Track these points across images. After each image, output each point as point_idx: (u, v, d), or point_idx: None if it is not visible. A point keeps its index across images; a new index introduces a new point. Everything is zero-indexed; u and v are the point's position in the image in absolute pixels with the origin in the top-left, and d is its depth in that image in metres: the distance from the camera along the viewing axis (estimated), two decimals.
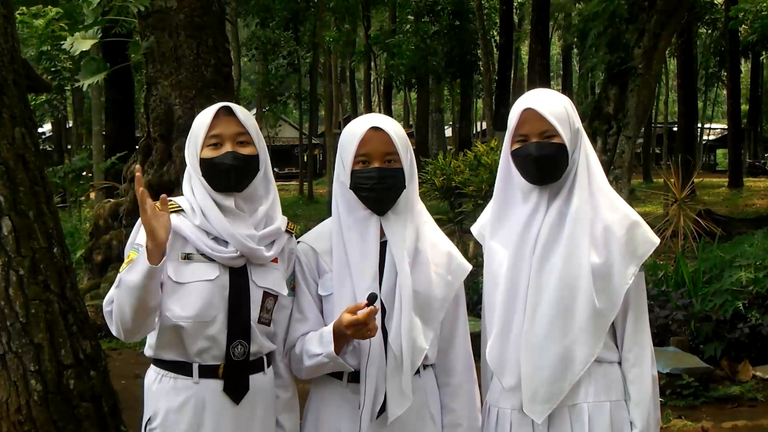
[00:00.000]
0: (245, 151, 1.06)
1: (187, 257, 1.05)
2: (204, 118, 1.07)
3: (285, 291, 1.09)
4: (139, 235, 1.05)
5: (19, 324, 1.50)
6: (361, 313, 0.97)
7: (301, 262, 1.10)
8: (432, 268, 1.07)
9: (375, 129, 1.04)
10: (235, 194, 1.06)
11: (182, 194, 1.09)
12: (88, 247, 3.65)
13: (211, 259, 1.04)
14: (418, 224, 1.08)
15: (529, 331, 1.04)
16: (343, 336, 1.01)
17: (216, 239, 1.05)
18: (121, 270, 1.04)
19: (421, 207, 1.11)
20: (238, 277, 1.05)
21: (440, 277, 1.08)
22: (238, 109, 1.08)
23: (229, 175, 1.05)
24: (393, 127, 1.06)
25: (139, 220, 1.05)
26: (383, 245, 1.05)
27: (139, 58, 3.39)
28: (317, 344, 1.04)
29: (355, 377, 1.05)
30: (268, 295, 1.07)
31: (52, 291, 1.54)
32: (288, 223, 1.12)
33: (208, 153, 1.06)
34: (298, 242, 1.11)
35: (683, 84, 11.48)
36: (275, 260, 1.08)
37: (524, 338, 1.04)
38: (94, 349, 1.62)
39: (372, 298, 0.98)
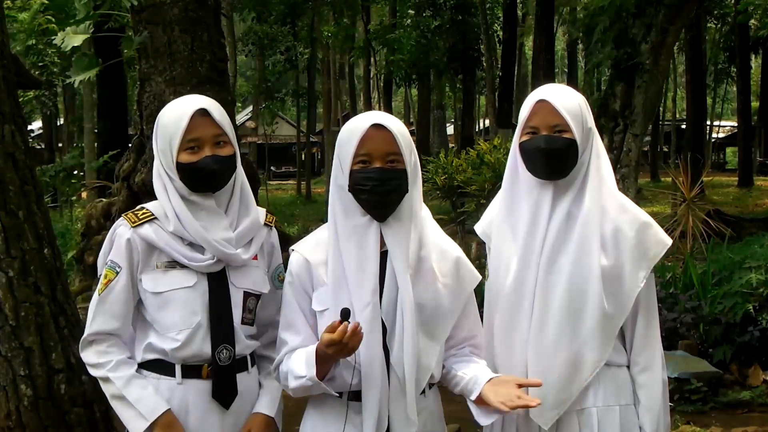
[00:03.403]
0: (224, 152, 1.04)
1: (164, 266, 1.02)
2: (179, 121, 1.02)
3: (266, 289, 1.07)
4: (113, 251, 1.04)
5: (9, 327, 1.46)
6: (337, 333, 0.91)
7: (292, 273, 1.02)
8: (438, 279, 1.00)
9: (377, 127, 0.98)
10: (213, 193, 1.04)
11: None
12: (80, 248, 3.59)
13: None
14: (421, 231, 1.01)
15: (539, 335, 1.02)
16: (327, 357, 0.95)
17: (191, 245, 1.03)
18: (99, 291, 1.03)
19: (425, 212, 1.04)
20: (218, 282, 1.03)
21: (447, 288, 1.01)
22: (214, 109, 1.04)
23: (212, 179, 1.03)
24: (396, 126, 0.99)
25: (113, 227, 1.04)
26: (384, 255, 0.99)
27: (132, 53, 3.32)
28: (302, 365, 0.98)
29: (356, 395, 0.98)
30: (249, 295, 1.05)
31: (42, 293, 1.50)
32: (267, 215, 1.09)
33: (187, 157, 1.02)
34: (292, 250, 1.05)
35: (692, 80, 11.29)
36: (255, 258, 1.07)
37: (533, 342, 1.02)
38: None
39: (345, 314, 0.92)
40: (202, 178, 1.01)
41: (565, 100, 1.03)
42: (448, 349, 1.03)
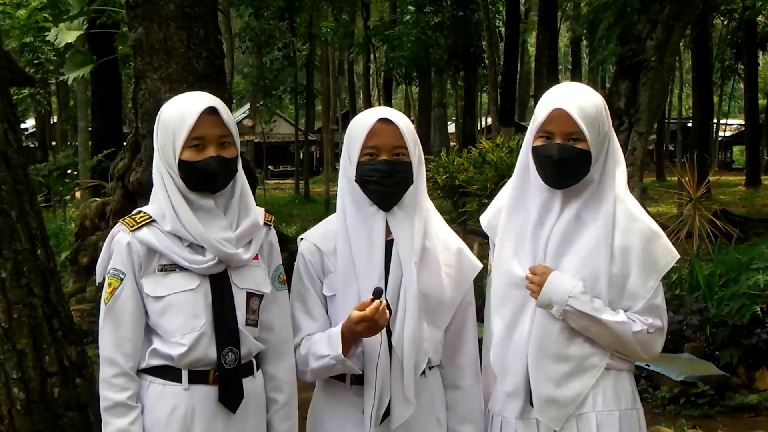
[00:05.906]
0: (228, 153, 1.03)
1: (164, 269, 1.01)
2: (186, 117, 1.01)
3: (268, 289, 1.07)
4: (114, 257, 1.02)
5: (1, 329, 1.46)
6: (368, 309, 0.96)
7: (305, 260, 1.08)
8: (441, 267, 1.05)
9: (384, 121, 1.03)
10: (212, 194, 1.03)
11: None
12: (74, 249, 3.52)
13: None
14: (426, 222, 1.06)
15: (542, 335, 1.01)
16: (353, 335, 1.00)
17: (191, 246, 1.01)
18: (105, 301, 1.01)
19: (429, 205, 1.09)
20: (220, 283, 1.02)
21: (450, 277, 1.06)
22: (222, 110, 1.03)
23: (213, 180, 1.02)
24: (403, 121, 1.05)
25: (111, 234, 1.03)
26: (390, 244, 1.03)
27: (127, 50, 3.28)
28: (325, 346, 1.03)
29: (358, 379, 1.03)
30: (252, 296, 1.05)
31: (35, 295, 1.49)
32: (265, 214, 1.08)
33: (190, 155, 1.01)
34: (301, 239, 1.09)
35: (698, 78, 11.21)
36: (256, 257, 1.06)
37: (534, 344, 1.02)
38: (80, 355, 1.57)
39: (377, 293, 0.97)
40: (204, 177, 1.00)
41: (583, 106, 1.02)
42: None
